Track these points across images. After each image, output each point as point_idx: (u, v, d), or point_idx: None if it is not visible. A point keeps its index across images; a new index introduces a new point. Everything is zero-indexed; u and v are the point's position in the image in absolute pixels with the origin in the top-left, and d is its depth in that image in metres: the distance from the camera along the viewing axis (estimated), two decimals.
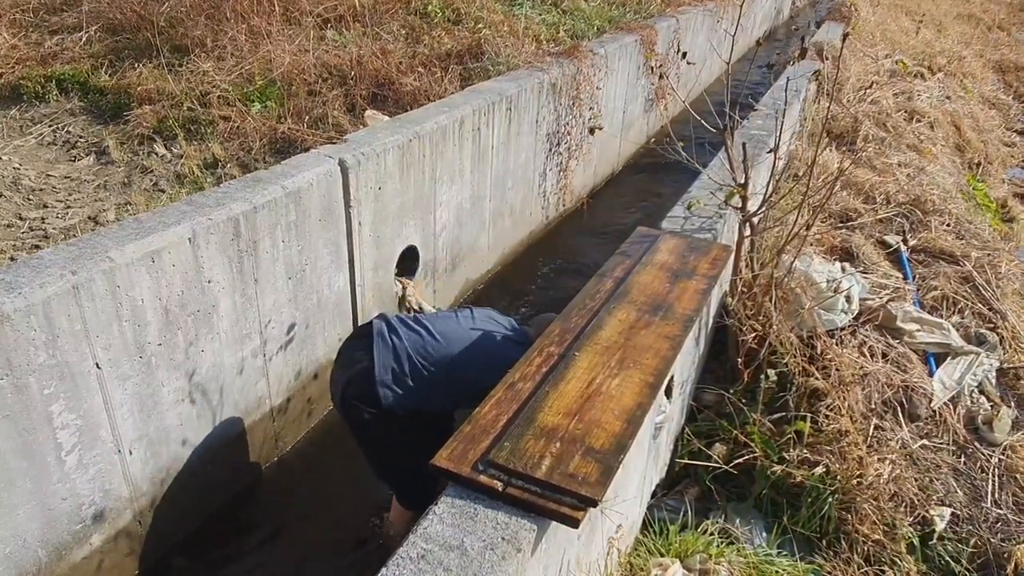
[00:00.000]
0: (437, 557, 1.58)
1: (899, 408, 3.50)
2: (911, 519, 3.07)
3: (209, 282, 2.97)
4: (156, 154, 4.37)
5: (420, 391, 2.73)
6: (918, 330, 3.80)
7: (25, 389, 2.37)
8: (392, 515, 3.20)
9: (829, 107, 3.30)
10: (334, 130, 4.51)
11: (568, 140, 5.81)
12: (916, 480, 3.21)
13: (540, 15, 6.78)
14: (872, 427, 3.34)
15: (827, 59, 5.96)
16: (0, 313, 2.24)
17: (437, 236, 4.51)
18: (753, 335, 3.29)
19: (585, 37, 6.50)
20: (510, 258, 5.61)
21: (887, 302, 3.92)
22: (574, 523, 1.65)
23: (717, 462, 3.20)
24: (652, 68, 6.22)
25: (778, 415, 3.34)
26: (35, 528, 2.56)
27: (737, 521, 3.11)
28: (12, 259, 3.30)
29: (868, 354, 3.64)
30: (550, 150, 5.66)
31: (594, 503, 1.67)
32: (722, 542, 2.88)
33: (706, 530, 2.94)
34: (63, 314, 2.42)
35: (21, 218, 3.73)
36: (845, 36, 2.71)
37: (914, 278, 4.35)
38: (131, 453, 2.84)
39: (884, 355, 3.67)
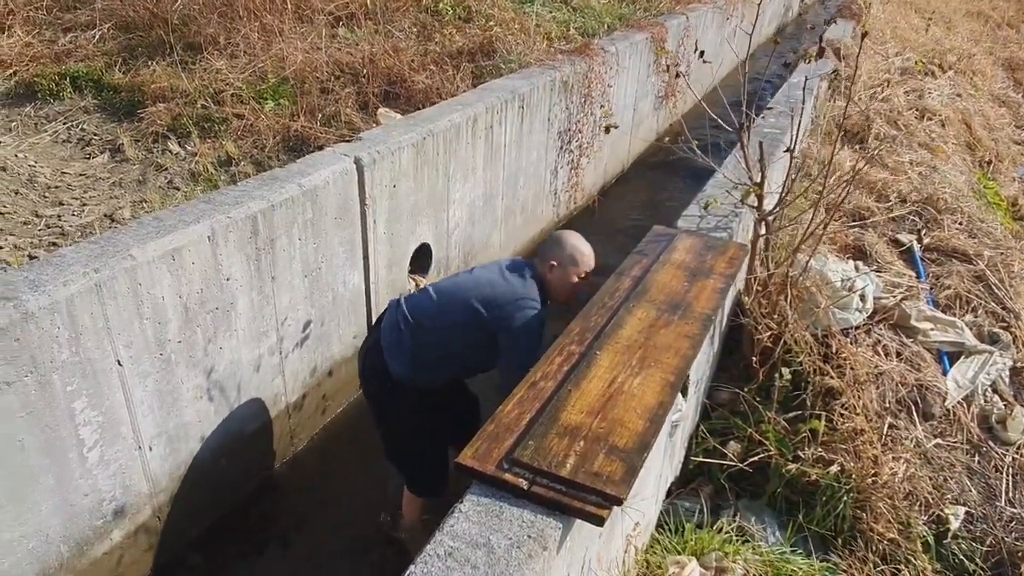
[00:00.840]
0: (464, 555, 1.59)
1: (913, 407, 3.50)
2: (926, 518, 3.07)
3: (228, 280, 2.99)
4: (170, 152, 4.39)
5: (419, 354, 2.77)
6: (932, 329, 3.80)
7: (49, 386, 2.39)
8: (404, 504, 3.23)
9: (847, 107, 3.28)
10: (347, 128, 4.53)
11: (579, 138, 5.82)
12: (930, 479, 3.21)
13: (550, 12, 6.78)
14: (886, 426, 3.34)
15: (844, 59, 5.95)
16: (25, 311, 2.25)
17: (450, 234, 4.52)
18: (768, 334, 3.30)
19: (596, 35, 6.50)
20: (521, 255, 5.62)
21: (901, 301, 3.92)
22: (599, 521, 1.66)
23: (732, 460, 3.20)
24: (667, 67, 6.21)
25: (792, 414, 3.34)
26: (57, 523, 2.58)
27: (752, 519, 3.12)
28: (31, 256, 3.32)
29: (882, 353, 3.64)
30: (561, 148, 5.66)
31: (619, 502, 1.68)
32: (737, 540, 2.89)
33: (721, 528, 2.95)
34: (86, 312, 2.44)
35: (38, 215, 3.75)
36: (864, 36, 2.71)
37: (927, 277, 4.35)
38: (151, 449, 2.86)
39: (898, 354, 3.68)
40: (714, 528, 2.94)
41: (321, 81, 4.88)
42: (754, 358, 3.38)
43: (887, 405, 3.47)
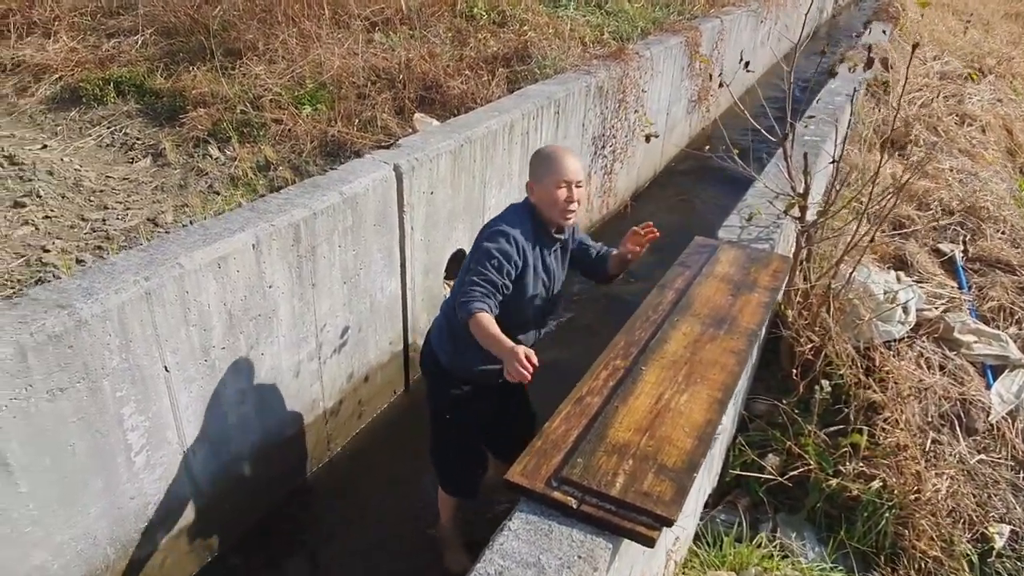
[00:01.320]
0: (514, 574, 1.59)
1: (956, 422, 3.44)
2: (969, 536, 3.02)
3: (270, 287, 3.02)
4: (210, 156, 4.45)
5: (453, 330, 2.70)
6: (975, 342, 3.73)
7: (99, 392, 2.44)
8: (439, 504, 3.25)
9: (894, 119, 3.23)
10: (383, 133, 4.55)
11: (613, 143, 5.80)
12: (974, 496, 3.16)
13: (584, 17, 6.76)
14: (929, 441, 3.29)
15: (892, 68, 5.85)
16: (78, 319, 2.30)
17: None
18: (809, 346, 3.26)
19: (629, 39, 6.47)
20: None
21: (943, 312, 3.86)
22: (650, 543, 1.65)
23: (771, 474, 3.17)
24: (710, 76, 6.16)
25: (833, 428, 3.30)
26: (105, 526, 2.63)
27: (791, 534, 3.09)
28: (78, 260, 3.38)
29: (925, 366, 3.59)
30: (595, 153, 5.65)
31: (669, 523, 1.67)
32: (777, 555, 2.86)
33: (760, 543, 2.93)
34: (136, 319, 2.48)
35: (83, 219, 3.82)
36: (914, 47, 2.66)
37: (970, 288, 4.27)
38: (194, 454, 2.91)
39: (941, 367, 3.62)
40: (753, 543, 2.92)
41: (358, 86, 4.91)
42: (794, 370, 3.34)
43: (930, 420, 3.41)
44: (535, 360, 2.14)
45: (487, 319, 2.31)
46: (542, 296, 2.65)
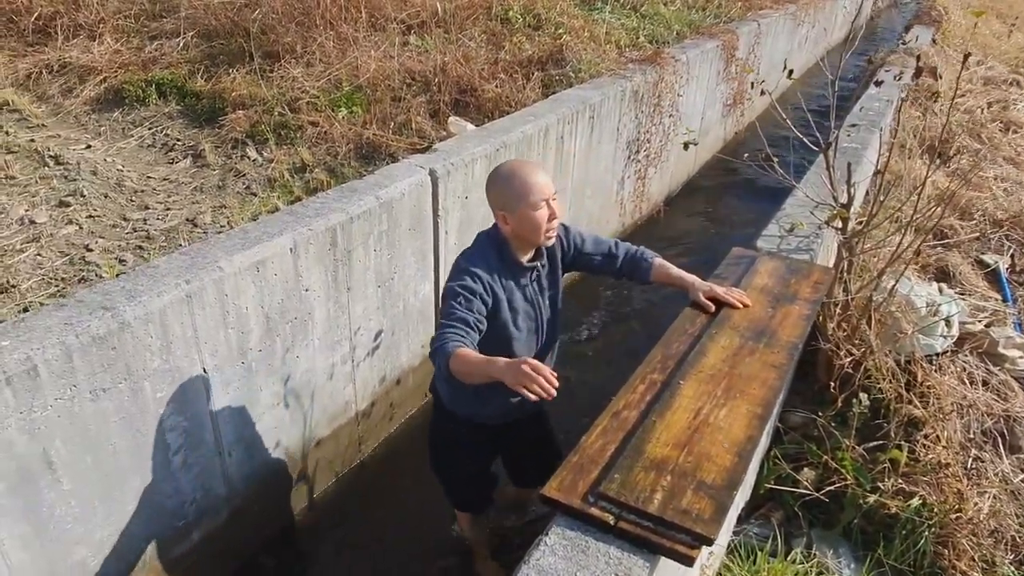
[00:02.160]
0: None
1: (1000, 439, 3.35)
2: (1012, 557, 2.94)
3: (307, 290, 3.05)
4: (248, 158, 4.50)
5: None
6: (1021, 357, 3.63)
7: (140, 393, 2.48)
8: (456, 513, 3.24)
9: (943, 131, 3.15)
10: (417, 136, 4.57)
11: (647, 148, 5.75)
12: (1017, 516, 3.07)
13: (620, 20, 6.72)
14: (971, 459, 3.21)
15: (940, 77, 5.73)
16: (122, 320, 2.34)
17: None
18: (849, 359, 3.20)
19: (665, 42, 6.41)
20: None
21: (987, 326, 3.76)
22: (689, 562, 1.63)
23: (807, 488, 3.12)
24: (752, 84, 6.07)
25: (872, 443, 3.24)
26: (142, 524, 2.67)
27: (827, 551, 3.03)
28: (119, 260, 3.44)
29: (968, 381, 3.50)
30: (629, 158, 5.61)
31: (710, 542, 1.65)
32: (812, 571, 2.81)
33: (795, 559, 2.88)
34: (177, 321, 2.52)
35: (125, 219, 3.89)
36: (966, 57, 2.59)
37: (1015, 301, 4.16)
38: (230, 455, 2.94)
39: (984, 383, 3.52)
40: (788, 558, 2.87)
41: (393, 89, 4.94)
42: (832, 383, 3.28)
43: (972, 436, 3.32)
44: (547, 371, 1.84)
45: (466, 352, 2.03)
46: (529, 330, 2.40)
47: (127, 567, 2.67)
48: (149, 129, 4.74)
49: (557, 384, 1.85)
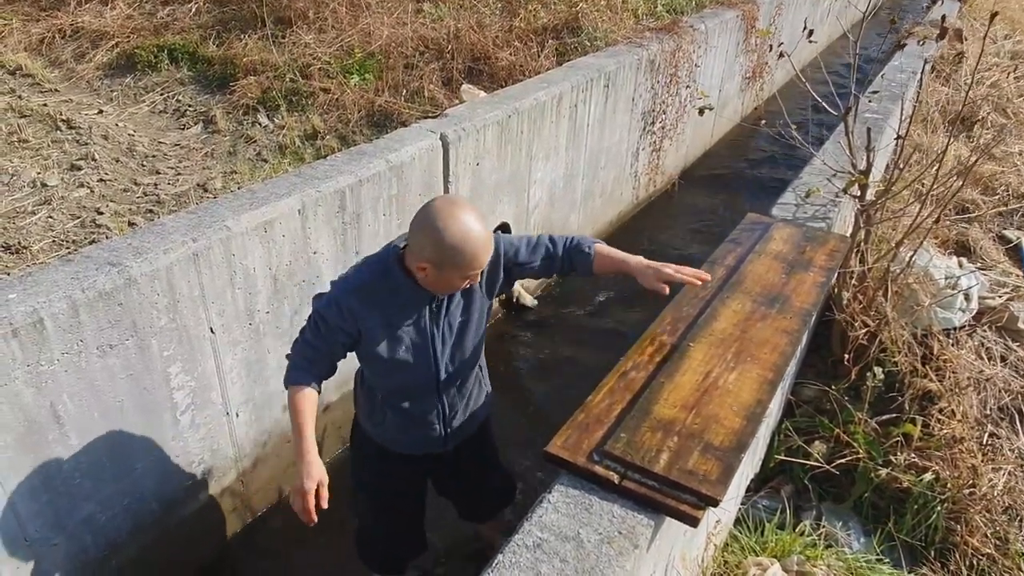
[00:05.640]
0: (553, 547, 1.56)
1: (1017, 415, 3.29)
2: None
3: (315, 253, 3.03)
4: (259, 124, 4.47)
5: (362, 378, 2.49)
6: None
7: (147, 350, 2.48)
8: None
9: (965, 98, 3.06)
10: (430, 104, 4.52)
11: (663, 119, 5.66)
12: None
13: None
14: (987, 434, 3.16)
15: (967, 39, 5.58)
16: (128, 277, 2.33)
17: (530, 213, 4.48)
18: (864, 331, 3.14)
19: (683, 12, 6.29)
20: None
21: (1007, 301, 3.68)
22: (694, 522, 1.61)
23: (818, 461, 3.08)
24: (770, 47, 5.94)
25: (885, 416, 3.19)
26: (150, 483, 2.68)
27: (836, 523, 3.00)
28: (130, 223, 3.44)
29: (985, 356, 3.44)
30: (644, 129, 5.52)
31: (715, 502, 1.62)
32: (820, 544, 2.79)
33: (803, 531, 2.85)
34: (184, 280, 2.51)
35: (136, 183, 3.89)
36: (993, 16, 2.49)
37: None
38: (238, 416, 2.94)
39: (1003, 358, 3.46)
40: (796, 530, 2.84)
41: (406, 56, 4.88)
42: (847, 355, 3.23)
43: (988, 412, 3.27)
44: (324, 495, 1.98)
45: (302, 401, 2.01)
46: (419, 360, 2.13)
47: (136, 524, 2.69)
48: (161, 95, 4.73)
49: (315, 520, 2.04)
